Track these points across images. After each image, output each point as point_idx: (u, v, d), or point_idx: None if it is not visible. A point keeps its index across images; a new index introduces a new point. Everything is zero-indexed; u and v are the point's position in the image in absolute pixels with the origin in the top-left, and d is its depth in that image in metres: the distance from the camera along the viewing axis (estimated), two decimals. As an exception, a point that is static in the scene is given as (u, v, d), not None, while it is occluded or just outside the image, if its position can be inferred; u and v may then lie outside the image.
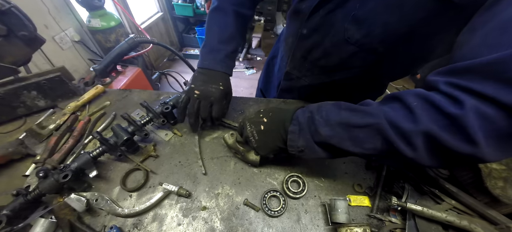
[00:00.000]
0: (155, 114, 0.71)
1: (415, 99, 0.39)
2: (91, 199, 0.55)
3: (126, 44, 0.79)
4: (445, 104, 0.35)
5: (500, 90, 0.30)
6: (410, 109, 0.38)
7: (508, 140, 0.32)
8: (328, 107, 0.49)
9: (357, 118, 0.43)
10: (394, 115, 0.40)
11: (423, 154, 0.38)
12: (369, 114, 0.42)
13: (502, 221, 0.47)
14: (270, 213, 0.55)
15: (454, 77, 0.36)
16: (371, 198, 0.58)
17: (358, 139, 0.43)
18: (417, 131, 0.36)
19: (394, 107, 0.41)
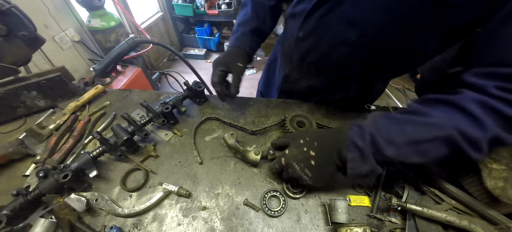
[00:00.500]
0: (155, 114, 0.71)
1: (476, 106, 0.41)
2: (91, 199, 0.55)
3: (126, 44, 0.79)
4: (506, 109, 0.39)
5: None
6: (475, 117, 0.40)
7: None
8: (385, 122, 0.46)
9: (424, 133, 0.43)
10: (462, 124, 0.41)
11: (485, 153, 0.41)
12: (436, 126, 0.43)
13: (502, 221, 0.47)
14: (270, 213, 0.55)
15: (504, 82, 0.39)
16: (371, 198, 0.58)
17: (424, 151, 0.43)
18: (487, 138, 0.40)
19: (456, 115, 0.42)
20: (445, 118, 0.43)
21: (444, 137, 0.41)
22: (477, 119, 0.40)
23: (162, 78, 3.03)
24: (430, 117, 0.44)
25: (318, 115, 0.81)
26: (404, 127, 0.44)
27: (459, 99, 0.43)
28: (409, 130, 0.44)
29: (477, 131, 0.40)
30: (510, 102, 0.38)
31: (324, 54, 0.68)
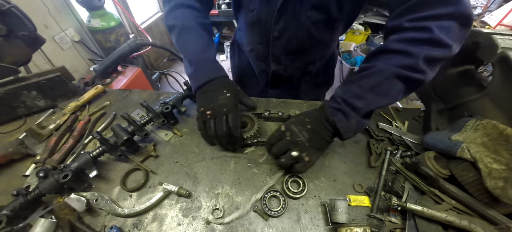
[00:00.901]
0: (155, 114, 0.71)
1: (398, 44, 0.52)
2: (91, 199, 0.55)
3: (127, 46, 0.80)
4: (420, 35, 0.49)
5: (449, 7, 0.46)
6: (401, 51, 0.51)
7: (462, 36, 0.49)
8: (346, 87, 0.57)
9: (376, 79, 0.53)
10: (397, 62, 0.51)
11: (428, 71, 0.50)
12: (381, 71, 0.52)
13: (502, 221, 0.47)
14: (270, 213, 0.54)
15: (412, 14, 0.50)
16: (371, 198, 0.58)
17: (385, 92, 0.53)
18: (418, 60, 0.48)
19: (390, 57, 0.53)
20: (383, 62, 0.53)
21: (390, 74, 0.51)
22: (403, 52, 0.50)
23: (162, 78, 3.03)
24: (373, 67, 0.54)
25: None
26: (360, 83, 0.55)
27: (386, 44, 0.54)
28: (363, 82, 0.54)
29: (408, 59, 0.50)
30: (420, 28, 0.49)
31: (301, 40, 0.77)
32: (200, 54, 0.68)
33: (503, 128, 0.54)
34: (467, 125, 0.59)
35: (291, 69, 0.94)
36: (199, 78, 0.66)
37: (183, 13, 0.70)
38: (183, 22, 0.69)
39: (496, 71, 0.61)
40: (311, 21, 0.70)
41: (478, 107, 0.64)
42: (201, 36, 0.69)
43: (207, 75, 0.66)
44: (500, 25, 2.78)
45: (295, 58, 0.89)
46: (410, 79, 0.51)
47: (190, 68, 0.68)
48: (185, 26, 0.69)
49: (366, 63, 0.57)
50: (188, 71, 0.69)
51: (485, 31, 0.64)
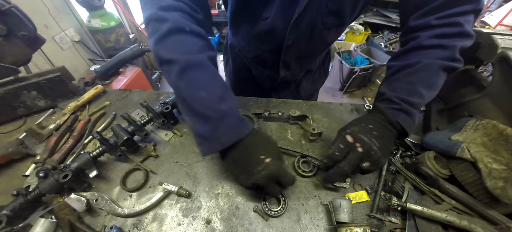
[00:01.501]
0: (155, 114, 0.71)
1: (433, 40, 0.54)
2: (91, 199, 0.55)
3: (130, 51, 0.79)
4: (451, 29, 0.53)
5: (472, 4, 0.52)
6: (439, 46, 0.54)
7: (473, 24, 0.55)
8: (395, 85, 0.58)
9: (425, 74, 0.55)
10: (438, 55, 0.54)
11: (462, 60, 0.54)
12: (427, 66, 0.55)
13: (502, 221, 0.47)
14: (270, 213, 0.55)
15: (438, 13, 0.54)
16: (370, 195, 0.58)
17: (434, 84, 0.55)
18: (455, 51, 0.53)
19: (428, 52, 0.55)
20: (425, 58, 0.55)
21: (439, 67, 0.54)
22: (439, 46, 0.54)
23: (162, 78, 3.03)
24: (417, 64, 0.55)
25: (317, 115, 0.81)
26: (409, 80, 0.56)
27: (418, 42, 0.56)
28: (413, 78, 0.55)
29: (446, 52, 0.53)
30: (448, 24, 0.53)
31: (313, 45, 0.77)
32: (219, 105, 0.50)
33: (503, 128, 0.54)
34: (467, 125, 0.59)
35: (298, 73, 0.94)
36: (219, 140, 0.50)
37: (186, 43, 0.51)
38: (188, 57, 0.49)
39: (496, 71, 0.61)
40: (326, 26, 0.70)
41: (478, 107, 0.64)
42: (216, 78, 0.52)
43: (230, 135, 0.50)
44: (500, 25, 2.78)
45: (303, 63, 0.89)
46: (451, 69, 0.55)
47: (204, 126, 0.49)
48: (191, 62, 0.49)
49: (402, 61, 0.59)
50: (200, 129, 0.50)
51: (485, 31, 0.64)
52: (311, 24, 0.68)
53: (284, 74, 0.89)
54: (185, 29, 0.50)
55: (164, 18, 0.49)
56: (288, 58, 0.82)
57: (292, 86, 1.00)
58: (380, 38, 3.47)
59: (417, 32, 0.57)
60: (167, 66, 0.50)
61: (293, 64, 0.86)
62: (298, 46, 0.76)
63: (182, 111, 0.54)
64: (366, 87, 3.07)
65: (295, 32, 0.70)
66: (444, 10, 0.53)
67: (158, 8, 0.49)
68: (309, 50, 0.80)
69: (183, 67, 0.49)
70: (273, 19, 0.68)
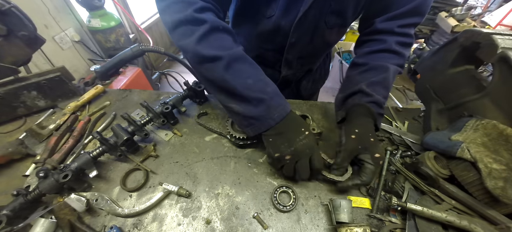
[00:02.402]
0: (155, 114, 0.71)
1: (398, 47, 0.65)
2: (91, 199, 0.55)
3: (130, 51, 0.78)
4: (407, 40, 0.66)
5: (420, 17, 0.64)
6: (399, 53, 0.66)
7: None
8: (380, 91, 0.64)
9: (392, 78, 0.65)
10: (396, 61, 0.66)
11: None
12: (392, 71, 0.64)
13: (502, 221, 0.47)
14: (282, 208, 0.55)
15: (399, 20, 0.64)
16: (371, 199, 0.58)
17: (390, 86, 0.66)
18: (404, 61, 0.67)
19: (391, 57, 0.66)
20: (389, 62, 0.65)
21: (395, 72, 0.66)
22: (400, 53, 0.66)
23: (162, 78, 3.03)
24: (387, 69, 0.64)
25: (317, 115, 0.81)
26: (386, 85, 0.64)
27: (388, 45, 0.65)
28: (388, 85, 0.65)
29: (402, 60, 0.66)
30: (407, 34, 0.65)
31: (315, 44, 0.79)
32: (266, 88, 0.57)
33: (503, 128, 0.54)
34: (467, 125, 0.59)
35: (299, 72, 0.95)
36: (272, 117, 0.56)
37: (224, 40, 0.57)
38: (231, 52, 0.55)
39: (496, 71, 0.60)
40: (329, 26, 0.72)
41: (478, 107, 0.64)
42: (256, 67, 0.60)
43: (280, 112, 0.57)
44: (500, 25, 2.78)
45: (305, 62, 0.90)
46: (398, 74, 0.68)
47: (255, 108, 0.56)
48: (234, 56, 0.55)
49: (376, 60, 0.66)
50: (252, 112, 0.56)
51: (485, 31, 0.64)
52: (314, 22, 0.70)
53: (285, 73, 0.90)
54: (219, 28, 0.56)
55: (202, 19, 0.54)
56: (291, 57, 0.82)
57: (293, 86, 1.01)
58: (380, 38, 3.47)
59: (383, 35, 0.66)
60: (211, 63, 0.55)
61: (295, 63, 0.87)
62: (301, 45, 0.77)
63: (227, 102, 0.59)
64: (366, 87, 3.06)
65: (298, 30, 0.71)
66: (404, 19, 0.63)
67: (193, 10, 0.53)
68: (311, 49, 0.81)
69: (229, 61, 0.54)
70: (277, 17, 0.69)
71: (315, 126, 0.70)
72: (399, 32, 0.64)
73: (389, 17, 0.64)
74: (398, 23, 0.63)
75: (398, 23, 0.63)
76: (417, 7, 0.61)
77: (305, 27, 0.70)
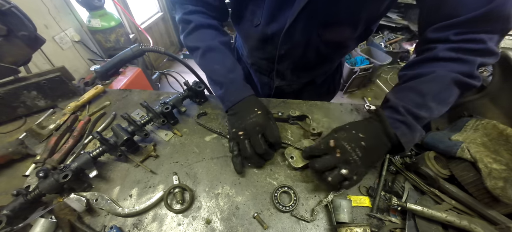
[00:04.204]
0: (155, 114, 0.71)
1: (451, 53, 0.51)
2: (91, 199, 0.55)
3: (130, 51, 0.79)
4: (473, 45, 0.49)
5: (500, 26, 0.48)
6: (457, 59, 0.51)
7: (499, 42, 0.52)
8: (404, 94, 0.54)
9: (437, 86, 0.52)
10: (454, 68, 0.51)
11: (480, 78, 0.51)
12: (440, 78, 0.52)
13: (502, 221, 0.47)
14: (282, 209, 0.55)
15: (460, 28, 0.50)
16: (371, 199, 0.58)
17: (445, 99, 0.52)
18: (474, 67, 0.50)
19: (444, 64, 0.52)
20: (441, 69, 0.52)
21: (451, 80, 0.51)
22: (458, 59, 0.51)
23: (162, 78, 3.03)
24: (430, 74, 0.52)
25: (317, 115, 0.81)
26: (420, 89, 0.52)
27: (435, 53, 0.53)
28: (425, 89, 0.51)
29: (465, 66, 0.50)
30: (472, 40, 0.49)
31: (309, 57, 0.74)
32: (229, 74, 0.67)
33: (503, 128, 0.54)
34: (467, 125, 0.59)
35: (296, 85, 0.91)
36: (230, 99, 0.65)
37: (204, 34, 0.70)
38: (207, 44, 0.68)
39: (496, 71, 0.61)
40: (323, 39, 0.68)
41: (478, 107, 0.65)
42: (227, 56, 0.69)
43: (238, 95, 0.65)
44: (500, 25, 2.78)
45: (301, 75, 0.86)
46: (466, 85, 0.51)
47: (220, 90, 0.68)
48: (209, 47, 0.68)
49: (415, 69, 0.56)
50: (217, 93, 0.70)
51: (485, 31, 0.64)
52: (305, 35, 0.66)
53: (279, 83, 0.89)
54: (204, 25, 0.70)
55: (189, 20, 0.70)
56: (282, 68, 0.81)
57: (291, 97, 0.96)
58: (380, 38, 3.48)
59: (434, 44, 0.54)
60: (194, 51, 0.71)
61: (288, 75, 0.84)
62: (293, 57, 0.74)
63: (208, 83, 0.75)
64: (366, 87, 3.07)
65: (288, 42, 0.68)
66: (468, 27, 0.49)
67: (183, 13, 0.71)
68: (305, 63, 0.77)
69: (204, 51, 0.68)
70: (263, 26, 0.68)
71: (315, 126, 0.70)
72: (457, 40, 0.50)
73: (445, 26, 0.52)
74: (457, 31, 0.50)
75: (457, 31, 0.50)
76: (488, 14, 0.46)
77: (296, 39, 0.67)
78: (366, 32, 0.73)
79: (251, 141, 0.58)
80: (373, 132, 0.52)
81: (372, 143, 0.51)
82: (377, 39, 3.42)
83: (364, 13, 0.61)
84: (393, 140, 0.51)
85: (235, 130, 0.61)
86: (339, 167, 0.50)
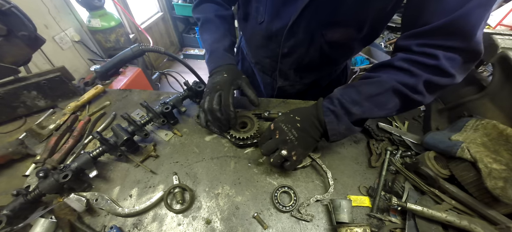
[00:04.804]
0: (155, 114, 0.71)
1: (403, 62, 0.52)
2: (91, 199, 0.55)
3: (130, 51, 0.79)
4: (426, 60, 0.49)
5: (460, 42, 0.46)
6: (405, 70, 0.52)
7: (467, 69, 0.51)
8: (346, 90, 0.57)
9: (375, 89, 0.54)
10: (399, 77, 0.52)
11: (427, 95, 0.52)
12: (381, 82, 0.53)
13: (502, 221, 0.47)
14: (282, 209, 0.55)
15: (422, 39, 0.50)
16: (371, 199, 0.58)
17: (381, 103, 0.54)
18: (419, 82, 0.50)
19: (393, 72, 0.54)
20: (387, 75, 0.54)
21: (390, 88, 0.52)
22: (407, 70, 0.51)
23: (162, 78, 3.03)
24: (376, 78, 0.55)
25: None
26: (360, 89, 0.55)
27: (392, 60, 0.55)
28: (364, 89, 0.55)
29: (410, 79, 0.51)
30: (428, 54, 0.49)
31: (313, 58, 0.75)
32: (214, 44, 0.74)
33: (503, 128, 0.54)
34: (467, 125, 0.59)
35: (299, 85, 0.91)
36: (210, 65, 0.73)
37: (206, 7, 0.79)
38: (205, 15, 0.78)
39: (496, 71, 0.61)
40: (326, 39, 0.68)
41: (478, 107, 0.65)
42: (218, 28, 0.76)
43: (216, 62, 0.72)
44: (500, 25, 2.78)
45: (304, 75, 0.87)
46: (407, 98, 0.52)
47: (207, 56, 0.76)
48: (206, 18, 0.77)
49: (370, 72, 0.59)
50: (206, 58, 0.77)
51: (485, 31, 0.64)
52: (308, 34, 0.67)
53: (281, 83, 0.89)
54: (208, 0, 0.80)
55: None
56: (285, 67, 0.81)
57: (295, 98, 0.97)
58: (380, 38, 3.47)
59: (398, 51, 0.56)
60: (198, 22, 0.81)
61: (291, 75, 0.85)
62: (295, 56, 0.75)
63: None
64: (366, 87, 3.06)
65: (291, 40, 0.69)
66: (429, 38, 0.49)
67: None
68: (309, 62, 0.78)
69: (202, 22, 0.78)
70: (267, 23, 0.69)
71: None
72: (417, 51, 0.51)
73: (411, 35, 0.52)
74: (419, 42, 0.50)
75: (419, 42, 0.50)
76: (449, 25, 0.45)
77: (299, 37, 0.68)
78: (372, 34, 0.73)
79: (209, 97, 0.64)
80: (308, 116, 0.58)
81: (306, 125, 0.57)
82: (377, 39, 3.42)
83: (370, 12, 0.61)
84: (323, 126, 0.56)
85: (206, 89, 0.69)
86: (279, 149, 0.55)
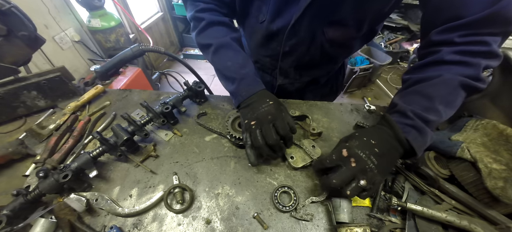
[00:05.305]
0: (155, 114, 0.71)
1: (456, 55, 0.51)
2: (91, 199, 0.55)
3: (130, 51, 0.79)
4: (479, 48, 0.49)
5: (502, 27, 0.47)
6: (463, 62, 0.50)
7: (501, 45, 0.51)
8: (411, 98, 0.54)
9: (444, 89, 0.51)
10: (460, 71, 0.50)
11: (485, 80, 0.51)
12: (447, 81, 0.51)
13: (502, 221, 0.47)
14: (282, 209, 0.55)
15: (465, 30, 0.49)
16: (371, 199, 0.58)
17: (451, 102, 0.51)
18: (479, 70, 0.49)
19: (450, 68, 0.51)
20: (447, 72, 0.51)
21: (458, 84, 0.50)
22: (464, 62, 0.50)
23: (162, 78, 3.03)
24: (436, 78, 0.52)
25: (317, 115, 0.81)
26: (427, 93, 0.52)
27: (440, 56, 0.52)
28: (432, 93, 0.51)
29: (470, 69, 0.50)
30: (477, 42, 0.49)
31: (313, 56, 0.74)
32: (240, 70, 0.67)
33: (503, 128, 0.54)
34: (467, 125, 0.59)
35: (299, 83, 0.92)
36: (241, 93, 0.65)
37: (216, 31, 0.71)
38: (219, 41, 0.69)
39: (496, 71, 0.61)
40: (327, 38, 0.68)
41: (478, 107, 0.65)
42: (238, 52, 0.70)
43: (249, 90, 0.65)
44: (500, 25, 2.78)
45: (304, 73, 0.87)
46: (472, 89, 0.51)
47: (231, 85, 0.68)
48: (221, 44, 0.69)
49: (421, 73, 0.55)
50: (229, 88, 0.69)
51: (485, 31, 0.64)
52: (310, 32, 0.67)
53: (281, 82, 0.89)
54: (215, 22, 0.71)
55: (201, 18, 0.71)
56: (286, 65, 0.81)
57: (294, 97, 0.96)
58: (380, 38, 3.47)
59: (439, 46, 0.53)
60: (206, 48, 0.71)
61: (292, 73, 0.85)
62: (296, 54, 0.75)
63: (219, 79, 0.72)
64: (366, 87, 3.07)
65: (292, 39, 0.69)
66: (473, 28, 0.49)
67: (195, 11, 0.71)
68: (309, 60, 0.78)
69: (216, 48, 0.69)
70: (269, 22, 0.69)
71: (315, 126, 0.70)
72: (461, 42, 0.50)
73: (449, 28, 0.51)
74: (461, 33, 0.50)
75: (461, 33, 0.50)
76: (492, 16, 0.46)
77: (301, 36, 0.68)
78: (370, 33, 0.73)
79: (262, 131, 0.57)
80: (384, 138, 0.51)
81: (385, 149, 0.49)
82: (377, 39, 3.41)
83: (369, 12, 0.61)
84: (405, 145, 0.49)
85: (247, 121, 0.60)
86: (357, 178, 0.47)
